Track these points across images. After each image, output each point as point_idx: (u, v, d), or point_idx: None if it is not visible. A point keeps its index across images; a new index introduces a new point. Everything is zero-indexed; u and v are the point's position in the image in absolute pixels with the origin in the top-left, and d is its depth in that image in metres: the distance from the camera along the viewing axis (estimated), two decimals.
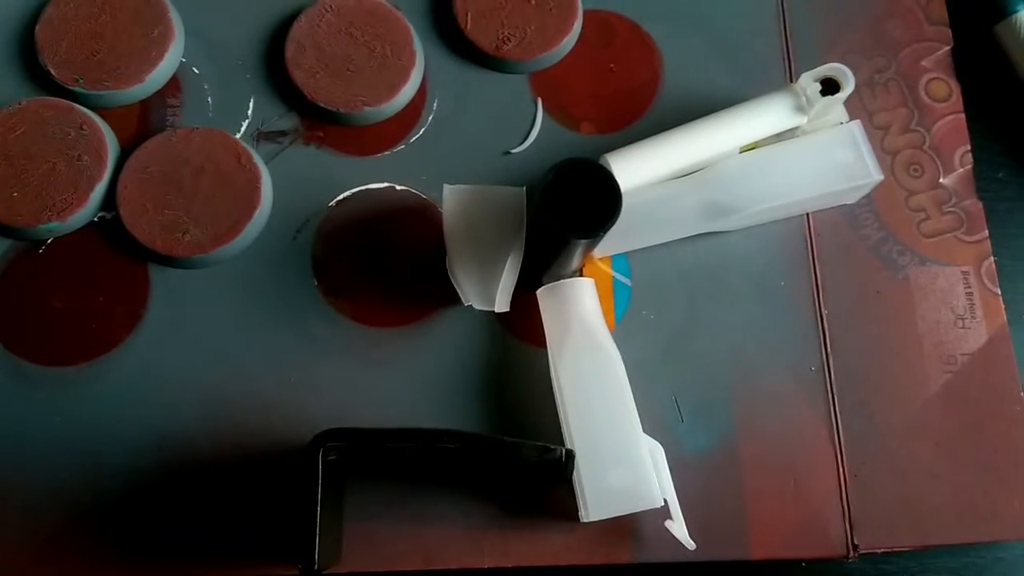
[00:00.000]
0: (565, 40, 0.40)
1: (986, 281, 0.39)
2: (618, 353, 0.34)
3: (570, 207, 0.30)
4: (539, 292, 0.36)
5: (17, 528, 0.34)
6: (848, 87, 0.36)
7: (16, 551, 0.34)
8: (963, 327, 0.38)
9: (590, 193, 0.30)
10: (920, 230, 0.40)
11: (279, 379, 0.36)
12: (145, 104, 0.39)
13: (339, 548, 0.33)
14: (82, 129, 0.38)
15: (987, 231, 0.40)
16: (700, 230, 0.38)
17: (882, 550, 0.35)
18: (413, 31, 0.40)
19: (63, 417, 0.35)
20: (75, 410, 0.35)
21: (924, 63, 0.42)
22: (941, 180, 0.40)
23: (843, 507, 0.36)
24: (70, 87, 0.38)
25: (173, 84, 0.40)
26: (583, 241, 0.31)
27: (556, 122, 0.40)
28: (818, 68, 0.36)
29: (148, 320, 0.37)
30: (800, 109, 0.36)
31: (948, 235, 0.40)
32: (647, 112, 0.40)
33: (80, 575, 0.34)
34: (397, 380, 0.36)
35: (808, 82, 0.36)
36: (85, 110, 0.38)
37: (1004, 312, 0.39)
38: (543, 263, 0.35)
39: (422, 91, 0.40)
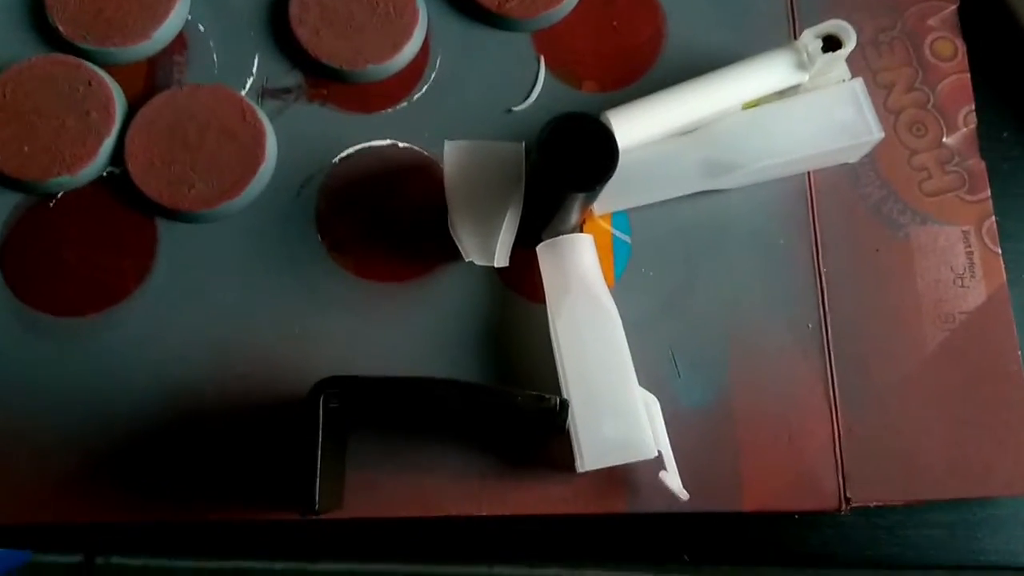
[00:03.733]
0: None
1: (987, 240, 0.39)
2: (615, 308, 0.35)
3: (568, 161, 0.30)
4: (539, 248, 0.36)
5: (27, 471, 0.35)
6: (850, 44, 0.36)
7: (27, 493, 0.35)
8: (962, 286, 0.38)
9: (588, 147, 0.30)
10: (922, 189, 0.40)
11: (283, 331, 0.37)
12: (152, 61, 0.40)
13: (341, 494, 0.34)
14: (90, 85, 0.38)
15: (989, 191, 0.40)
16: (700, 188, 0.38)
17: (874, 504, 0.36)
18: None
19: (73, 366, 0.36)
20: (85, 359, 0.36)
21: (930, 22, 0.42)
22: (944, 139, 0.40)
23: (836, 461, 0.36)
24: (78, 44, 0.39)
25: (179, 41, 0.40)
26: (581, 195, 0.31)
27: (559, 80, 0.40)
28: (820, 24, 0.36)
29: (156, 272, 0.37)
30: (802, 66, 0.36)
31: (950, 194, 0.40)
32: (650, 70, 0.40)
33: (88, 517, 0.35)
34: (399, 334, 0.37)
35: (810, 38, 0.36)
36: (93, 67, 0.39)
37: (1004, 272, 0.39)
38: (543, 219, 0.35)
39: (425, 49, 0.40)
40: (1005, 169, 0.41)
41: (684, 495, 0.34)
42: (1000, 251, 0.39)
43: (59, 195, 0.38)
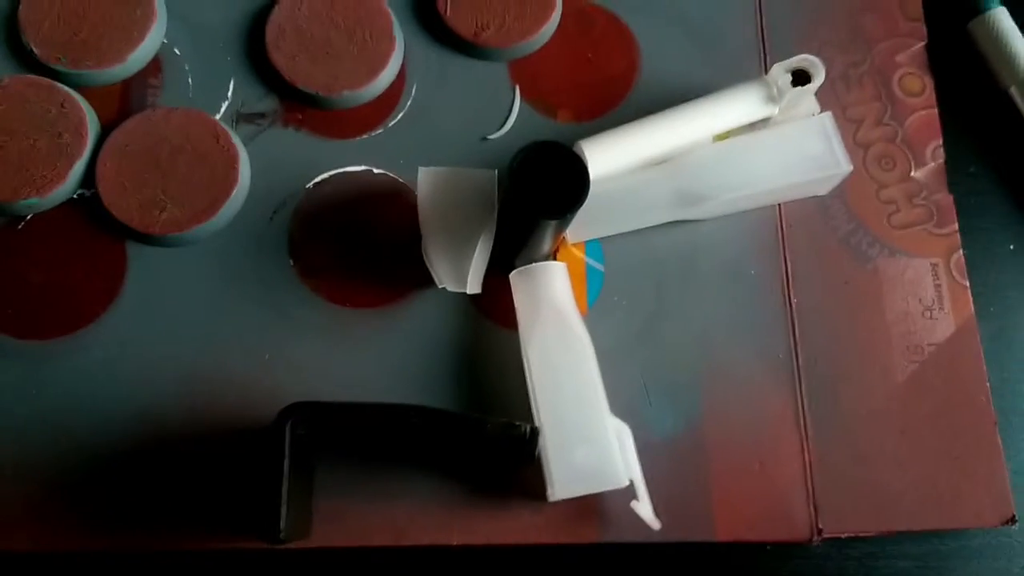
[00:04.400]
0: (543, 29, 0.40)
1: (955, 273, 0.40)
2: (588, 336, 0.35)
3: (539, 188, 0.30)
4: (512, 275, 0.36)
5: None
6: (819, 78, 0.36)
7: None
8: (931, 318, 0.39)
9: (559, 175, 0.30)
10: (890, 222, 0.40)
11: (254, 357, 0.36)
12: (127, 84, 0.40)
13: (309, 523, 0.34)
14: (63, 107, 0.38)
15: (957, 224, 0.40)
16: (672, 218, 0.38)
17: (846, 535, 0.36)
18: (393, 17, 0.40)
19: (39, 390, 0.36)
20: (51, 383, 0.36)
21: (899, 58, 0.43)
22: (912, 173, 0.41)
23: (808, 492, 0.36)
24: (52, 66, 0.39)
25: (154, 65, 0.40)
26: (552, 222, 0.31)
27: (534, 109, 0.40)
28: (789, 59, 0.37)
29: (125, 296, 0.37)
30: (771, 99, 0.37)
31: (918, 227, 0.40)
32: (624, 101, 0.41)
33: (52, 545, 0.34)
34: (372, 360, 0.37)
35: (779, 73, 0.36)
36: (67, 88, 0.38)
37: (972, 304, 0.39)
38: (515, 246, 0.35)
39: (401, 76, 0.40)
40: (972, 203, 0.42)
41: (656, 524, 0.33)
42: (968, 284, 0.39)
43: (28, 217, 0.38)
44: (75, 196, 0.38)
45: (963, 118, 0.43)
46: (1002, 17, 0.43)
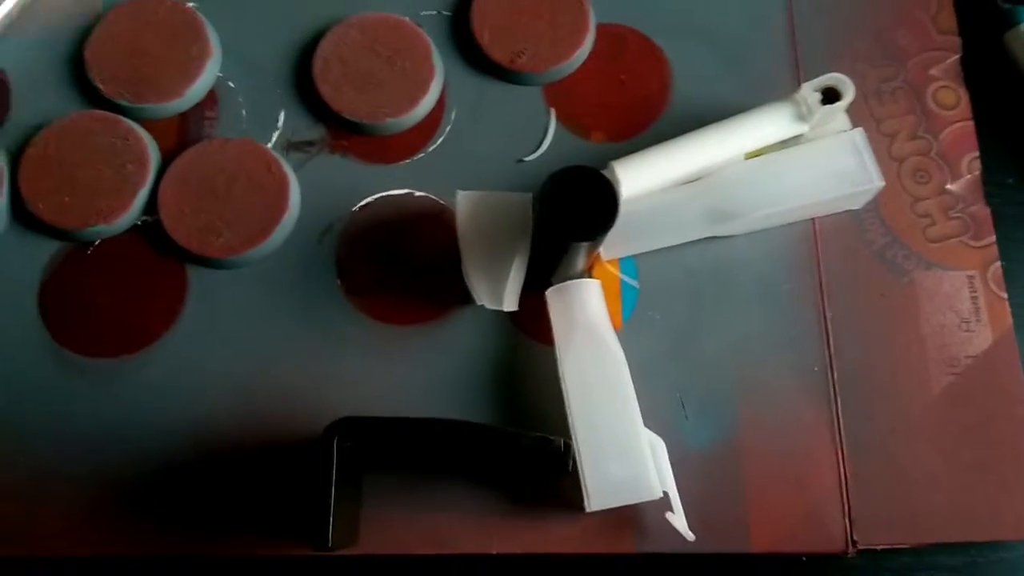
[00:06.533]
0: (577, 53, 0.42)
1: (992, 285, 0.40)
2: (621, 351, 0.36)
3: (570, 212, 0.32)
4: (547, 292, 0.37)
5: (61, 505, 0.37)
6: (848, 96, 0.37)
7: (61, 526, 0.37)
8: (967, 330, 0.39)
9: (589, 198, 0.32)
10: (926, 235, 0.40)
11: (304, 372, 0.38)
12: (184, 116, 0.42)
13: (356, 532, 0.36)
14: (127, 139, 0.41)
15: (994, 236, 0.40)
16: (704, 234, 0.39)
17: (881, 547, 0.36)
18: (433, 46, 0.42)
19: (106, 404, 0.38)
20: (117, 398, 0.38)
21: (932, 71, 0.43)
22: (948, 186, 0.41)
23: (843, 503, 0.36)
24: (116, 100, 0.41)
25: (210, 98, 0.43)
26: (584, 244, 0.33)
27: (568, 131, 0.42)
28: (818, 78, 0.37)
29: (185, 316, 0.39)
30: (801, 118, 0.37)
31: (954, 240, 0.40)
32: (657, 121, 0.42)
33: (114, 546, 0.37)
34: (414, 375, 0.38)
35: (809, 92, 0.37)
36: (130, 122, 0.41)
37: (1010, 316, 0.39)
38: (550, 265, 0.37)
39: (441, 103, 0.42)
40: (1010, 214, 0.42)
41: (690, 536, 0.34)
42: (1006, 296, 0.39)
43: (96, 242, 0.40)
44: (139, 223, 0.41)
45: (1000, 130, 0.43)
46: None
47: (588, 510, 0.34)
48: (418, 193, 0.41)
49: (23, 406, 0.38)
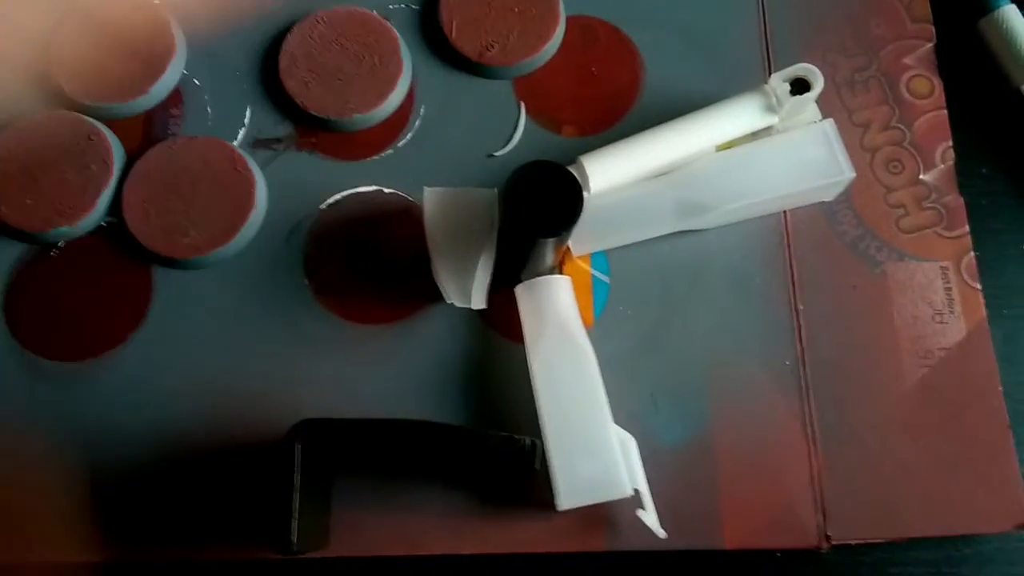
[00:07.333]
0: (547, 46, 0.41)
1: (966, 276, 0.39)
2: (591, 348, 0.36)
3: (534, 208, 0.31)
4: (516, 289, 0.37)
5: (23, 510, 0.36)
6: (817, 87, 0.36)
7: (22, 532, 0.36)
8: (941, 322, 0.39)
9: (553, 194, 0.31)
10: (899, 226, 0.40)
11: (272, 373, 0.38)
12: (150, 115, 0.42)
13: (326, 534, 0.35)
14: (91, 140, 0.40)
15: (968, 226, 0.40)
16: (675, 228, 0.38)
17: (855, 541, 0.36)
18: (401, 40, 0.41)
19: (72, 409, 0.38)
20: (83, 402, 0.38)
21: (906, 60, 0.42)
22: (921, 176, 0.41)
23: (816, 499, 0.36)
24: (80, 100, 0.41)
25: (176, 96, 0.42)
26: (549, 240, 0.32)
27: (539, 125, 0.41)
28: (787, 68, 0.37)
29: (151, 318, 0.39)
30: (771, 109, 0.37)
31: (927, 231, 0.40)
32: (628, 114, 0.41)
33: (78, 556, 0.36)
34: (384, 374, 0.38)
35: (778, 82, 0.37)
36: (94, 121, 0.41)
37: (984, 307, 0.39)
38: (519, 262, 0.36)
39: (409, 98, 0.42)
40: (984, 205, 0.42)
41: (661, 533, 0.34)
42: (980, 287, 0.39)
43: (60, 244, 0.40)
44: (103, 223, 0.40)
45: (974, 119, 0.43)
46: (1012, 15, 0.43)
47: (559, 509, 0.34)
48: (387, 190, 0.41)
49: None
